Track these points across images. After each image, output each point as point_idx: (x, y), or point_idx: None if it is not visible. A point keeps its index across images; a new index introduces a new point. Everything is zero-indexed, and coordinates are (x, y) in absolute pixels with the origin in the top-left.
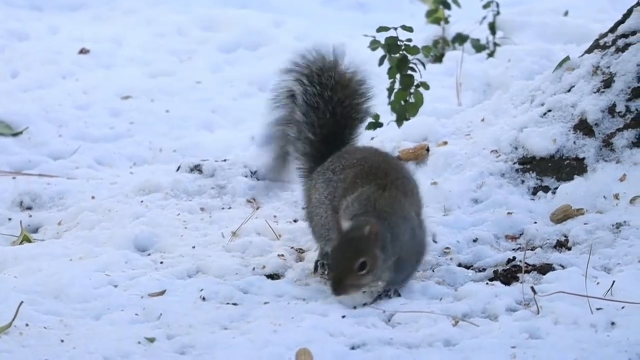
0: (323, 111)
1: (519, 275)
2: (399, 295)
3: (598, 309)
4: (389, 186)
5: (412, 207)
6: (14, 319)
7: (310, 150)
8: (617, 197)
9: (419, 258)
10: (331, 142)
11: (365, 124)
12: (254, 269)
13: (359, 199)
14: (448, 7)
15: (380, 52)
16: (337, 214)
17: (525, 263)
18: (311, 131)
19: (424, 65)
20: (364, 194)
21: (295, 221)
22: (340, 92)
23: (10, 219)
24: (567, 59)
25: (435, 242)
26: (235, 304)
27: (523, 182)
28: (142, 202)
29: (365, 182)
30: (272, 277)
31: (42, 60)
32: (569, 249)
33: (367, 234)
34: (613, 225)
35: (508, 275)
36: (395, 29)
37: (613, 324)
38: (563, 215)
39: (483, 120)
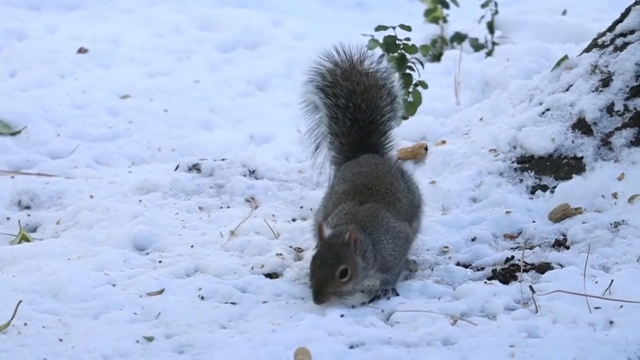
0: (342, 120)
1: (517, 274)
2: (397, 295)
3: (596, 308)
4: (368, 200)
5: (397, 217)
6: (12, 318)
7: (340, 158)
8: (615, 195)
9: (406, 265)
10: (360, 148)
11: (394, 126)
12: (252, 267)
13: (339, 213)
14: (446, 5)
15: (379, 51)
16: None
17: (524, 262)
18: (338, 140)
19: (422, 64)
20: (344, 209)
21: (294, 220)
22: (355, 99)
23: (8, 218)
24: (565, 57)
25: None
26: (233, 303)
27: (521, 180)
28: (140, 201)
29: (349, 198)
30: (271, 276)
31: (40, 59)
32: (567, 248)
33: (347, 240)
34: (611, 224)
35: (506, 274)
36: (394, 27)
37: (611, 322)
38: (561, 214)
39: (481, 119)
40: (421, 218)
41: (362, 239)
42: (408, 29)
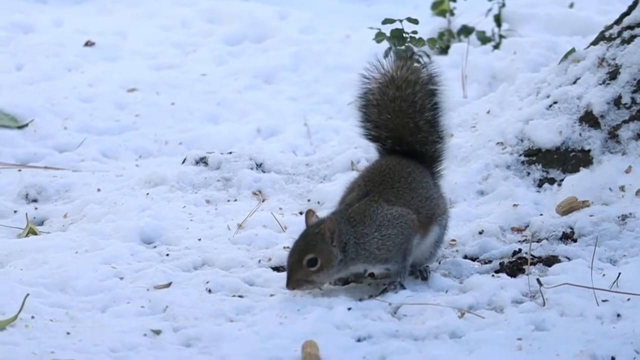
0: (381, 134)
1: (524, 267)
2: (404, 288)
3: (604, 301)
4: (371, 194)
5: (402, 206)
6: (19, 311)
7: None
8: (622, 188)
9: (404, 253)
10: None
11: (444, 139)
12: (259, 261)
13: (341, 204)
14: None
15: (385, 44)
16: None
17: (531, 255)
18: (385, 149)
19: (429, 57)
20: (345, 200)
21: (301, 213)
22: (387, 109)
23: (15, 212)
24: (573, 50)
25: None
26: (240, 296)
27: (528, 173)
28: (147, 194)
29: (356, 189)
30: (278, 269)
31: (46, 52)
32: (575, 241)
33: (320, 230)
34: (618, 217)
35: (514, 267)
36: (401, 20)
37: (619, 315)
38: (568, 207)
39: (488, 112)
40: (441, 226)
41: (345, 231)
42: (415, 22)
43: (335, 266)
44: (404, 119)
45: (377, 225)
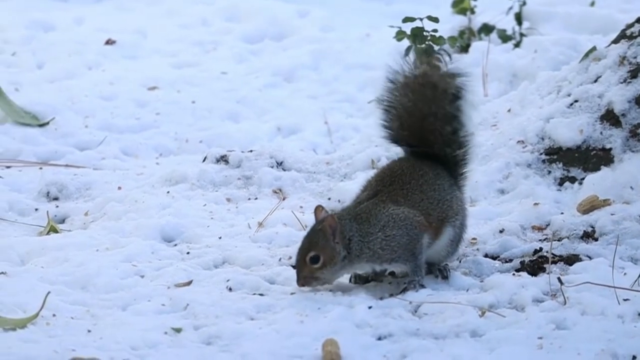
0: (401, 137)
1: (545, 265)
2: (423, 286)
3: (625, 300)
4: (380, 194)
5: (410, 207)
6: (40, 309)
7: None
8: None
9: (413, 253)
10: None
11: (466, 143)
12: (280, 259)
13: (352, 202)
14: None
15: (406, 42)
16: None
17: (552, 253)
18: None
19: (449, 55)
20: (357, 198)
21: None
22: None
23: (36, 209)
24: (594, 49)
25: None
26: (261, 294)
27: (549, 172)
28: (168, 192)
29: (368, 188)
30: None
31: (67, 50)
32: (596, 240)
33: (322, 227)
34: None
35: (534, 265)
36: (421, 19)
37: None
38: (590, 206)
39: (509, 110)
40: (455, 227)
41: (349, 228)
42: (435, 20)
43: (339, 263)
44: (423, 123)
45: (382, 226)
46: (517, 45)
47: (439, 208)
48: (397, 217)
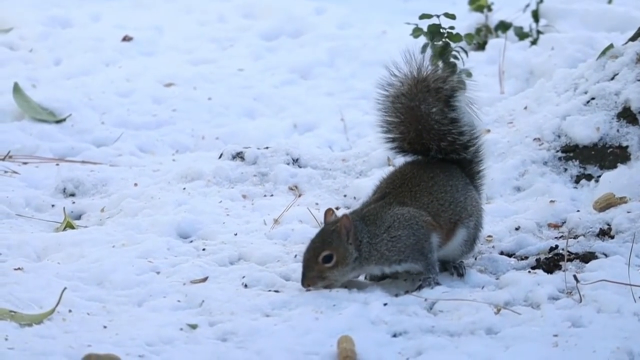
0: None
1: (561, 263)
2: (438, 284)
3: None
4: (387, 196)
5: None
6: (57, 305)
7: None
8: None
9: (422, 252)
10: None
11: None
12: (295, 256)
13: (361, 205)
14: None
15: (423, 39)
16: None
17: (568, 251)
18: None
19: (466, 52)
20: (367, 200)
21: (337, 208)
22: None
23: (53, 205)
24: (611, 46)
25: None
26: (276, 291)
27: (565, 170)
28: (184, 189)
29: (378, 191)
30: None
31: (84, 47)
32: (612, 237)
33: (336, 228)
34: None
35: (550, 263)
36: (438, 16)
37: None
38: (606, 204)
39: (525, 108)
40: (469, 228)
41: (360, 229)
42: (452, 17)
43: (350, 264)
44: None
45: (387, 227)
46: (534, 42)
47: (451, 210)
48: (402, 217)
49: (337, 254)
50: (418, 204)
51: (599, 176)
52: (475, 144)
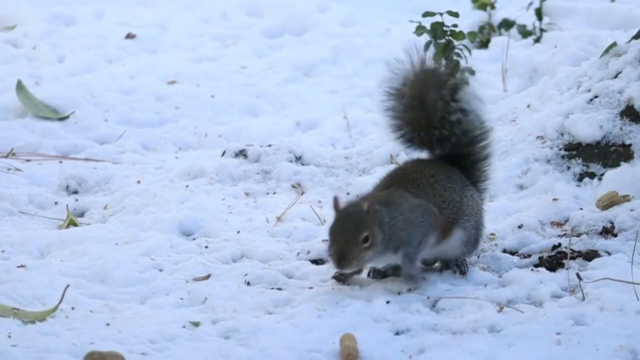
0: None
1: (564, 261)
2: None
3: None
4: (393, 187)
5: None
6: (59, 302)
7: None
8: None
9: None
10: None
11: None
12: (298, 253)
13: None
14: None
15: (426, 37)
16: None
17: (571, 249)
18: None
19: (469, 50)
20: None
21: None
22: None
23: (56, 203)
24: (614, 44)
25: None
26: (279, 289)
27: (568, 168)
28: (187, 186)
29: (380, 187)
30: (317, 262)
31: (88, 44)
32: (615, 235)
33: (367, 209)
34: None
35: (553, 261)
36: (441, 14)
37: None
38: (609, 202)
39: (528, 106)
40: (466, 228)
41: (380, 210)
42: (455, 15)
43: (378, 245)
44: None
45: (403, 210)
46: (537, 40)
47: (449, 209)
48: (418, 203)
49: (371, 236)
50: (423, 195)
51: (602, 174)
52: (481, 141)
